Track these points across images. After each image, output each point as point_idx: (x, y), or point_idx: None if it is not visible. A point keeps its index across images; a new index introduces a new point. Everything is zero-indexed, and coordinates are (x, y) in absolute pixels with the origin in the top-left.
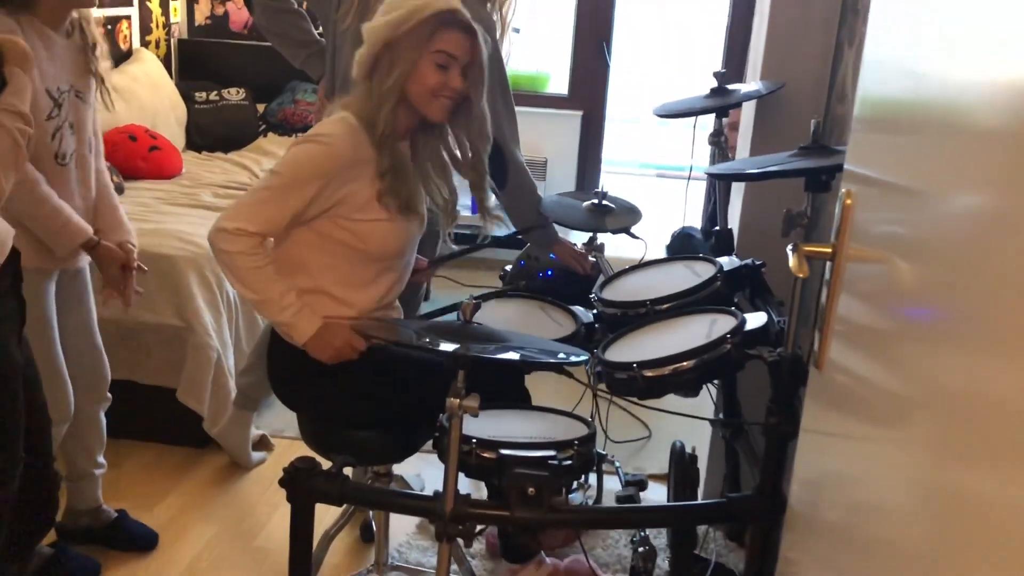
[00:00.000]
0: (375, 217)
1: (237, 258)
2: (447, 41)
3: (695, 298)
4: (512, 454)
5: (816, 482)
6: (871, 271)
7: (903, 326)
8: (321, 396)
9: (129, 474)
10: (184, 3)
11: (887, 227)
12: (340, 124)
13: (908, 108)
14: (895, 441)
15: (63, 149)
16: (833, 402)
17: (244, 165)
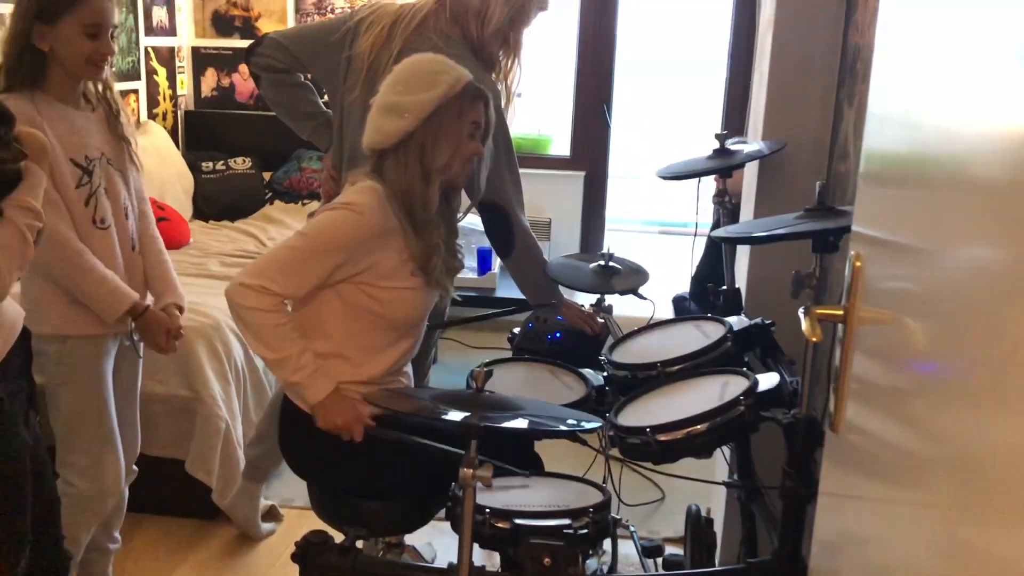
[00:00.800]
0: (401, 285)
1: (257, 315)
2: (476, 112)
3: (706, 359)
4: (527, 524)
5: (836, 545)
6: (884, 332)
7: (918, 386)
8: (332, 465)
9: (138, 548)
10: (191, 75)
11: (898, 286)
12: (371, 194)
13: (913, 164)
14: (915, 502)
15: (100, 213)
16: (851, 464)
17: (251, 233)
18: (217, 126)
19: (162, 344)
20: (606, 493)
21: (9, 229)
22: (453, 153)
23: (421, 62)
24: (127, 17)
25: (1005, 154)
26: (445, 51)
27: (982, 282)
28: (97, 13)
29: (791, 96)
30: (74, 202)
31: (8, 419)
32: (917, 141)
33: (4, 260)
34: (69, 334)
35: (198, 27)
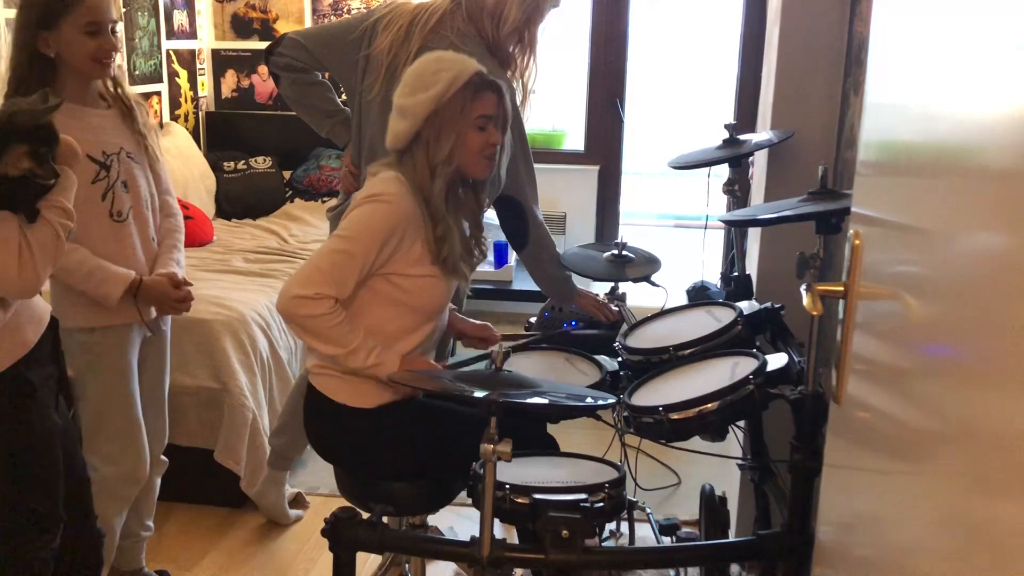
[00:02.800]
0: (424, 273)
1: (320, 320)
2: (483, 105)
3: (717, 342)
4: (545, 498)
5: (841, 517)
6: (884, 308)
7: (917, 360)
8: (357, 449)
9: (169, 535)
10: (211, 77)
11: (896, 265)
12: (396, 183)
13: (908, 148)
14: (914, 473)
15: (118, 207)
16: (854, 437)
17: (273, 230)
18: (238, 126)
19: (173, 304)
20: (621, 470)
21: (45, 229)
22: (453, 147)
23: (424, 62)
24: (149, 21)
25: (1002, 138)
26: (462, 49)
27: (980, 260)
28: (93, 11)
29: (798, 86)
30: (90, 197)
31: (40, 403)
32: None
33: (40, 257)
34: (93, 326)
35: (218, 30)
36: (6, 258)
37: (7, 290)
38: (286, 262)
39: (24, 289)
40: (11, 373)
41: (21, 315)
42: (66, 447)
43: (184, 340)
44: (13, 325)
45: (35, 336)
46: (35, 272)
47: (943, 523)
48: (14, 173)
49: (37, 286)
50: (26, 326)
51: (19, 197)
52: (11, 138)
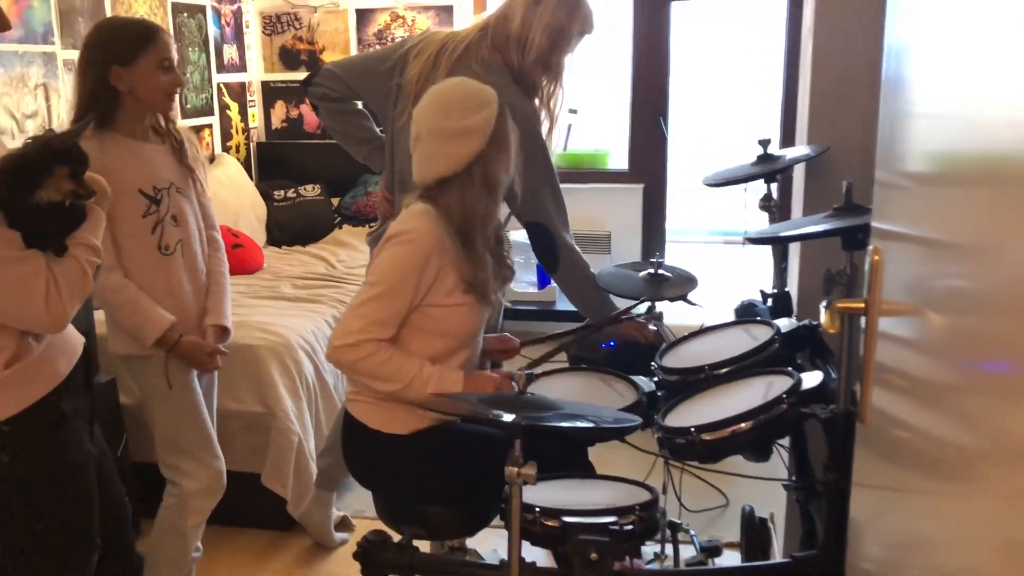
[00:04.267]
0: (457, 302)
1: (367, 362)
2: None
3: (753, 361)
4: (574, 521)
5: (868, 534)
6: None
7: (942, 376)
8: (392, 474)
9: (218, 559)
10: (261, 109)
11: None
12: (422, 217)
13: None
14: (945, 494)
15: (166, 240)
16: (879, 454)
17: (322, 257)
18: (287, 156)
19: (204, 365)
20: (654, 492)
21: (72, 264)
22: (509, 163)
23: (460, 86)
24: (199, 56)
25: None
26: (486, 79)
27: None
28: (167, 47)
29: (833, 100)
30: (140, 230)
31: (72, 431)
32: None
33: (67, 291)
34: (149, 354)
35: (267, 62)
36: (34, 294)
37: (35, 325)
38: (333, 287)
39: (51, 324)
40: (44, 402)
41: (54, 347)
42: (102, 475)
43: (231, 365)
44: (46, 356)
45: (67, 367)
46: (62, 308)
47: (978, 544)
48: (56, 198)
49: (64, 321)
50: (59, 357)
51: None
52: (52, 161)
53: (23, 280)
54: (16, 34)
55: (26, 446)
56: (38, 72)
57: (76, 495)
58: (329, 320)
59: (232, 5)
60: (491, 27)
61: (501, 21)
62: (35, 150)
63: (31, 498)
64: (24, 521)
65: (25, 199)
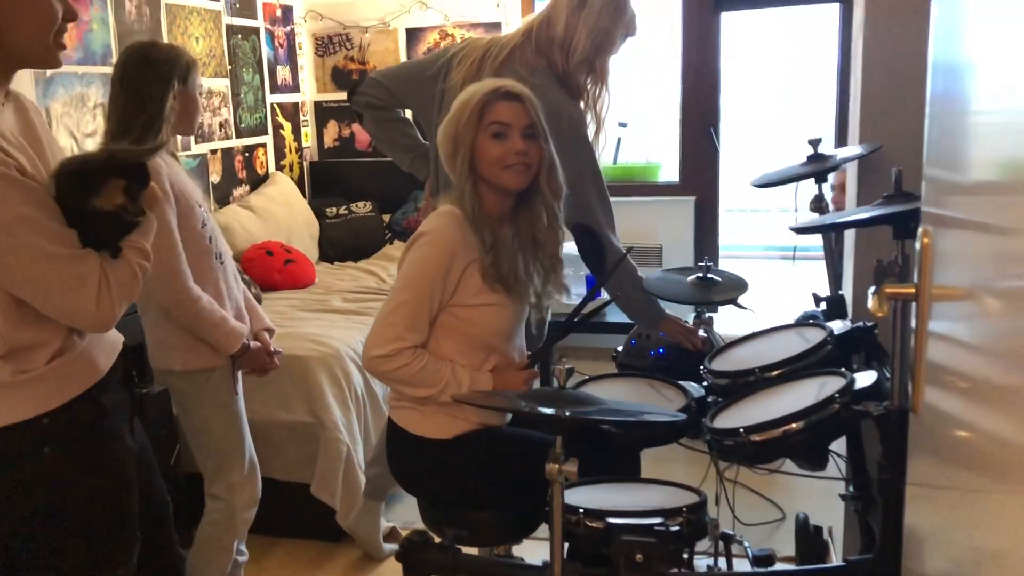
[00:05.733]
0: (485, 302)
1: (403, 371)
2: (497, 112)
3: (805, 363)
4: (619, 522)
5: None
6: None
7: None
8: (437, 479)
9: (267, 569)
10: (314, 128)
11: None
12: (441, 217)
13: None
14: (1002, 489)
15: (219, 249)
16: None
17: (372, 271)
18: (339, 174)
19: (268, 367)
20: (702, 495)
21: (124, 266)
22: (465, 157)
23: (469, 87)
24: (253, 77)
25: None
26: (530, 82)
27: None
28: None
29: (884, 98)
30: (202, 242)
31: (112, 426)
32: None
33: (117, 292)
34: (215, 366)
35: (319, 83)
36: (86, 292)
37: (84, 323)
38: (382, 300)
39: (100, 324)
40: (84, 397)
41: (95, 343)
42: (143, 471)
43: (281, 376)
44: (88, 352)
45: (108, 363)
46: (111, 308)
47: None
48: (107, 207)
49: (112, 322)
50: (99, 354)
51: (107, 233)
52: (111, 172)
53: (77, 278)
54: (76, 55)
55: (67, 440)
56: (97, 92)
57: (116, 488)
58: None
59: (285, 27)
60: (535, 31)
61: (544, 25)
62: (100, 158)
63: (72, 491)
64: (65, 514)
65: (81, 202)
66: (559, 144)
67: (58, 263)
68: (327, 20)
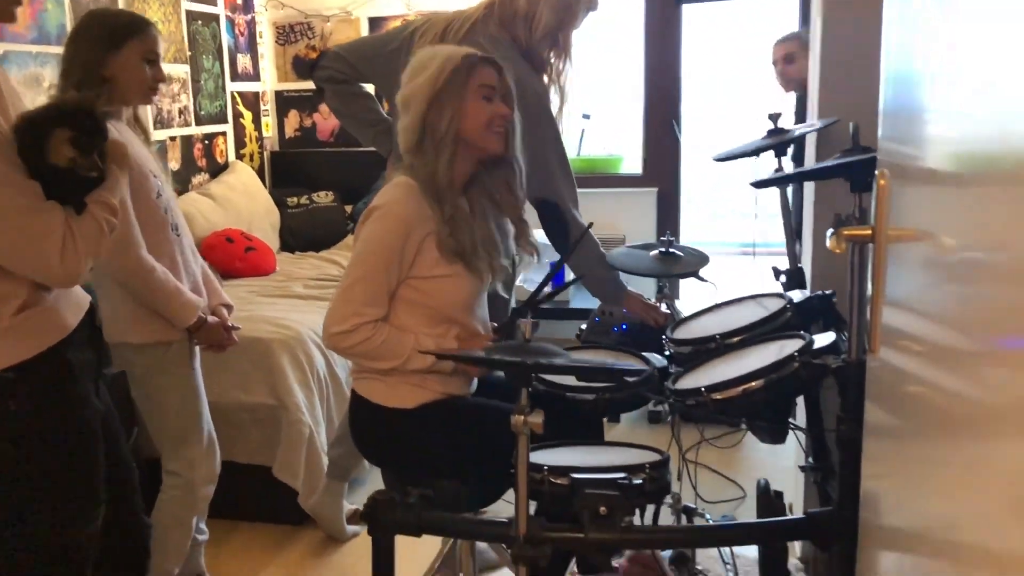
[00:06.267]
0: (442, 273)
1: (364, 345)
2: (484, 75)
3: (765, 329)
4: (583, 477)
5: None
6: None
7: (956, 312)
8: (401, 449)
9: (228, 551)
10: (275, 118)
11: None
12: (395, 189)
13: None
14: (957, 444)
15: (175, 221)
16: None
17: (334, 260)
18: (301, 164)
19: (225, 343)
20: (665, 455)
21: (89, 221)
22: (453, 116)
23: (418, 56)
24: (213, 64)
25: None
26: (494, 54)
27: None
28: (155, 41)
29: (843, 73)
30: (156, 211)
31: (79, 385)
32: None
33: (83, 247)
34: (171, 340)
35: (280, 72)
36: (50, 247)
37: (48, 278)
38: None
39: (65, 278)
40: (51, 354)
41: (62, 299)
42: (108, 433)
43: (242, 358)
44: (55, 308)
45: (75, 320)
46: (77, 263)
47: (994, 494)
48: (60, 163)
49: (77, 277)
50: (66, 310)
51: (68, 189)
52: (55, 122)
53: (41, 231)
54: (30, 35)
55: (32, 396)
56: (52, 73)
57: (82, 447)
58: None
59: (246, 15)
60: (496, 4)
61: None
62: (41, 110)
63: (37, 448)
64: (30, 472)
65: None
66: (524, 118)
67: (20, 215)
68: (288, 8)
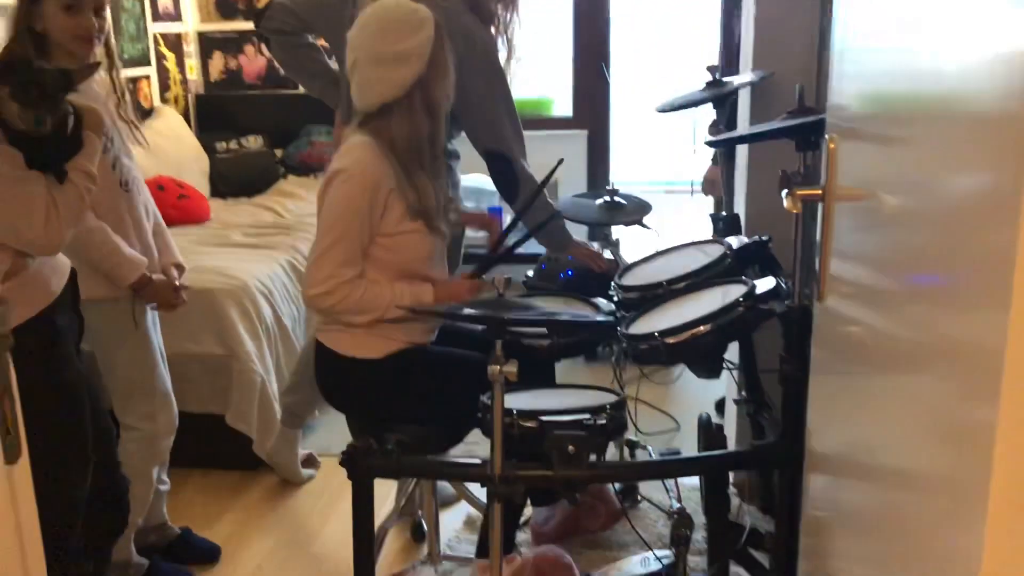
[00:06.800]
0: (408, 228)
1: (344, 303)
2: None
3: (708, 275)
4: (551, 420)
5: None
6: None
7: (882, 257)
8: (368, 398)
9: (186, 498)
10: (199, 60)
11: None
12: (359, 150)
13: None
14: (885, 372)
15: (124, 177)
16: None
17: (268, 207)
18: (228, 107)
19: (173, 302)
20: (621, 395)
21: (70, 189)
22: (449, 86)
23: (395, 9)
24: (133, 4)
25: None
26: (441, 5)
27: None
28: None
29: (776, 28)
30: (103, 167)
31: (65, 348)
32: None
33: (65, 215)
34: (117, 296)
35: (203, 12)
36: (33, 215)
37: (31, 245)
38: (285, 234)
39: (47, 246)
40: (38, 320)
41: (45, 266)
42: (89, 394)
43: (190, 309)
44: (40, 274)
45: (59, 286)
46: (59, 230)
47: (924, 426)
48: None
49: (60, 245)
50: (50, 277)
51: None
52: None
53: (24, 200)
54: None
55: (21, 361)
56: None
57: (70, 409)
58: (284, 265)
59: None
60: None
61: None
62: None
63: (26, 413)
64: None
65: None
66: (471, 69)
67: (4, 185)
68: None
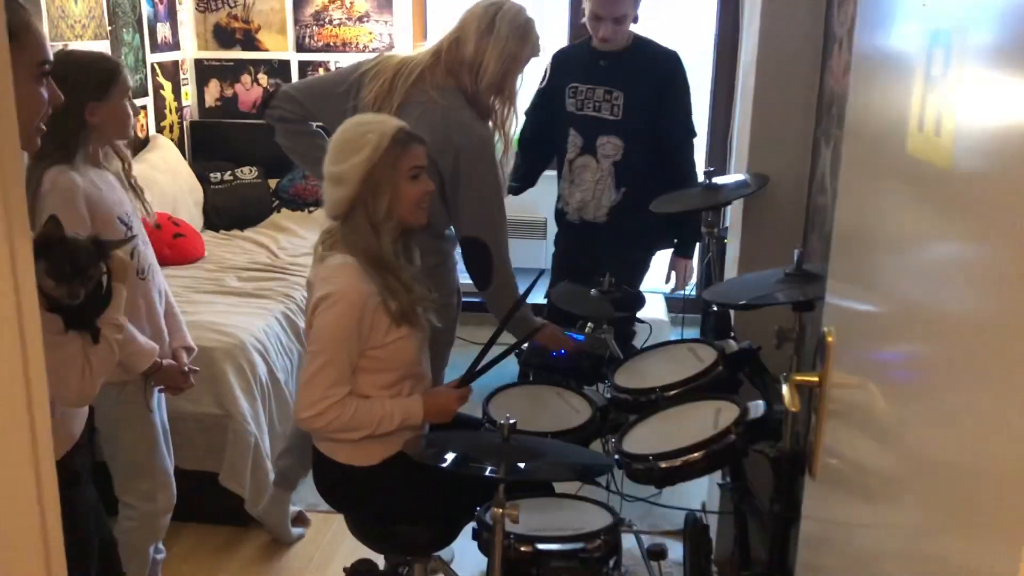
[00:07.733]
0: (396, 337)
1: (336, 423)
2: (412, 156)
3: (700, 384)
4: (547, 548)
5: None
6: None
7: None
8: (366, 502)
9: (178, 555)
10: (195, 86)
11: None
12: (342, 271)
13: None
14: (885, 524)
15: (141, 264)
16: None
17: (262, 243)
18: (222, 135)
19: (181, 387)
20: (615, 515)
21: (104, 347)
22: (391, 201)
23: (348, 128)
24: (133, 37)
25: None
26: (441, 103)
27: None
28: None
29: (772, 133)
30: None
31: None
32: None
33: (98, 371)
34: (126, 380)
35: (200, 39)
36: (71, 375)
37: (65, 400)
38: (278, 279)
39: (80, 400)
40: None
41: (67, 411)
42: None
43: None
44: (64, 420)
45: (79, 429)
46: (92, 386)
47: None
48: (52, 294)
49: (92, 398)
50: (73, 420)
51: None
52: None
53: (63, 362)
54: None
55: None
56: None
57: (80, 544)
58: (279, 316)
59: None
60: (444, 52)
61: (454, 46)
62: None
63: None
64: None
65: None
66: (467, 162)
67: (45, 352)
68: None
